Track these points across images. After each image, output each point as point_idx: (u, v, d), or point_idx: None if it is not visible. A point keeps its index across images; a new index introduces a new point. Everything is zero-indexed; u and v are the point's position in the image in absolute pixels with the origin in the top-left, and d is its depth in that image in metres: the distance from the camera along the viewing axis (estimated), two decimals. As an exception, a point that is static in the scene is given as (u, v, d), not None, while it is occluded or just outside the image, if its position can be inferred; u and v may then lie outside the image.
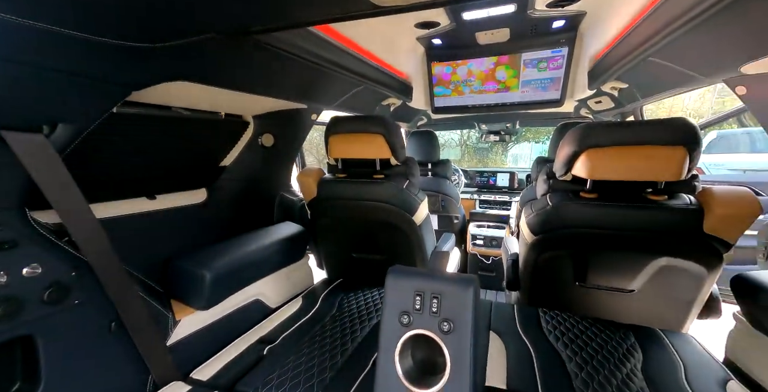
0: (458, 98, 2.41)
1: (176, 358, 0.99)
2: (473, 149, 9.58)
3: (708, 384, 0.93)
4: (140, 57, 0.71)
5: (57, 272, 0.76)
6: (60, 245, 0.79)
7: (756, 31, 0.77)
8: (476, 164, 9.13)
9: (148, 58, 0.73)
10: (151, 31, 0.67)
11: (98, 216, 0.83)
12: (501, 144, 6.46)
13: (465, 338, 0.63)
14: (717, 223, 0.99)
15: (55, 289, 0.74)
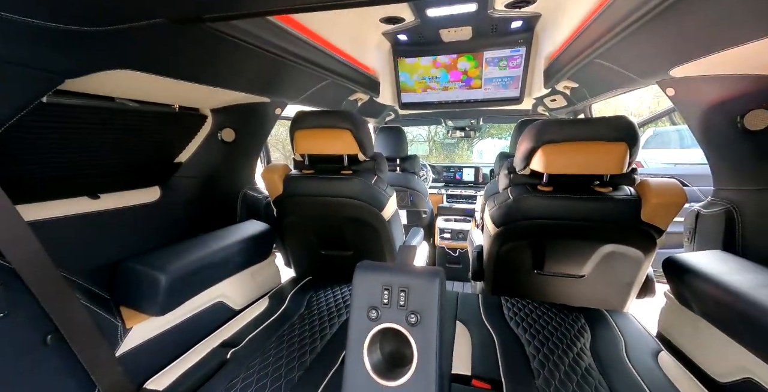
0: (424, 94, 2.45)
1: (128, 369, 0.92)
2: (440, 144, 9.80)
3: (643, 356, 1.04)
4: (75, 42, 0.64)
5: None
6: None
7: (682, 39, 0.85)
8: (443, 159, 9.33)
9: (85, 43, 0.66)
10: (88, 14, 0.60)
11: (29, 219, 0.74)
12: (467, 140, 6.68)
13: (431, 329, 0.65)
14: (652, 211, 1.10)
15: None
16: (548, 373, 0.98)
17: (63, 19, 0.58)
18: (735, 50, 0.77)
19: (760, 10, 0.63)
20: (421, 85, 2.38)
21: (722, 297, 0.85)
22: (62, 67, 0.67)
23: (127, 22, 0.65)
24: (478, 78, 2.30)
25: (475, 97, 2.42)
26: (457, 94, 2.43)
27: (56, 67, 0.66)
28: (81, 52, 0.67)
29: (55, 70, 0.67)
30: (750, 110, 0.91)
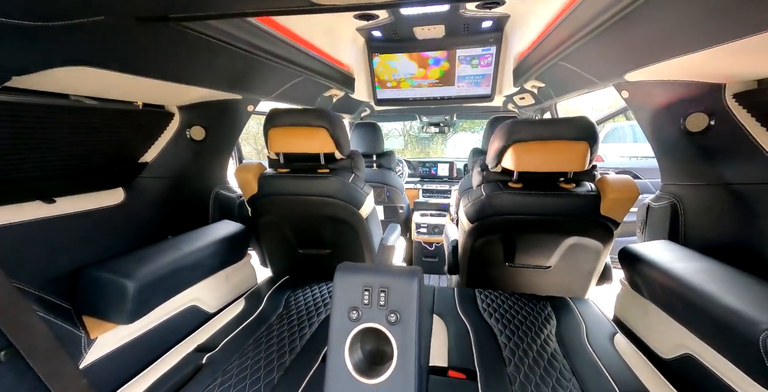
0: (399, 91, 2.47)
1: (93, 381, 0.88)
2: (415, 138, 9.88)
3: (601, 339, 1.14)
4: (24, 37, 0.59)
5: None
6: None
7: (635, 47, 0.92)
8: (418, 153, 9.43)
9: (35, 38, 0.61)
10: (38, 8, 0.56)
11: None
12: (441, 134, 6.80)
13: (411, 327, 0.68)
14: (610, 206, 1.19)
15: None
16: (518, 360, 1.05)
17: (8, 13, 0.53)
18: (680, 59, 0.84)
19: (700, 25, 0.70)
20: (396, 81, 2.39)
21: (666, 282, 0.94)
22: (8, 63, 0.62)
23: (81, 18, 0.61)
24: (452, 75, 2.34)
25: (448, 94, 2.47)
26: (431, 91, 2.46)
27: (4, 64, 0.61)
28: (29, 48, 0.62)
29: (2, 67, 0.61)
30: (691, 113, 1.00)
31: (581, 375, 0.98)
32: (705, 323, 0.81)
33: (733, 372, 0.76)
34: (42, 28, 0.59)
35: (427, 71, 2.32)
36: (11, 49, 0.60)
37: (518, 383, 0.95)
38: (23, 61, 0.64)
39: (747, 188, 0.93)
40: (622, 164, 3.81)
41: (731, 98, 0.90)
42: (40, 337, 0.74)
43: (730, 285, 0.81)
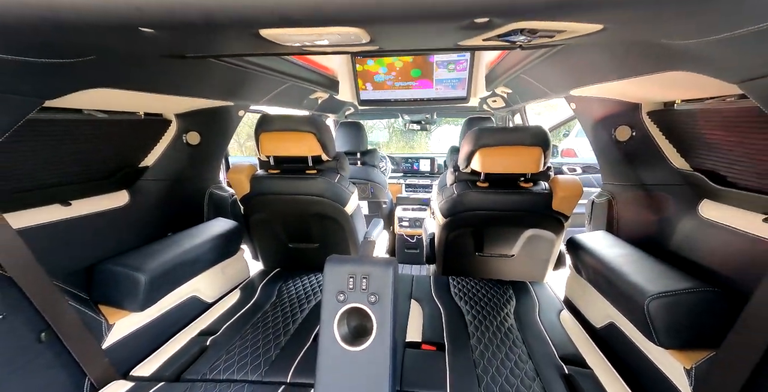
0: (382, 92, 2.60)
1: (114, 359, 1.02)
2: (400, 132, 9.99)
3: (550, 315, 1.36)
4: (54, 70, 0.71)
5: None
6: None
7: (575, 70, 1.10)
8: (403, 146, 9.56)
9: (63, 70, 0.72)
10: (64, 50, 0.67)
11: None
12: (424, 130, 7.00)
13: (387, 305, 0.84)
14: (560, 202, 1.39)
15: None
16: (480, 334, 1.25)
17: (48, 54, 0.65)
18: (608, 84, 1.03)
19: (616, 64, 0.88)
20: (378, 84, 2.53)
21: (597, 265, 1.16)
22: (43, 90, 0.74)
23: (98, 54, 0.73)
24: (430, 79, 2.49)
25: (427, 96, 2.62)
26: (411, 93, 2.61)
27: (38, 92, 0.72)
28: (59, 77, 0.74)
29: (37, 95, 0.73)
30: (619, 125, 1.20)
31: (530, 344, 1.18)
32: (619, 296, 1.03)
33: (636, 332, 0.98)
34: (69, 63, 0.70)
35: (407, 74, 2.47)
36: (46, 79, 0.72)
37: (478, 351, 1.15)
38: (55, 88, 0.75)
39: (655, 189, 1.15)
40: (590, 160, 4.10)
41: (646, 115, 1.11)
42: (71, 322, 0.87)
43: (638, 266, 1.02)
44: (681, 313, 0.85)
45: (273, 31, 0.56)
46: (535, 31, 0.54)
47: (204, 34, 0.60)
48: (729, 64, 0.58)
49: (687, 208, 1.07)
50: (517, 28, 0.52)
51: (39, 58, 0.65)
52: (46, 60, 0.66)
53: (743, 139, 0.83)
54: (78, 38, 0.60)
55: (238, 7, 0.44)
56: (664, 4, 0.43)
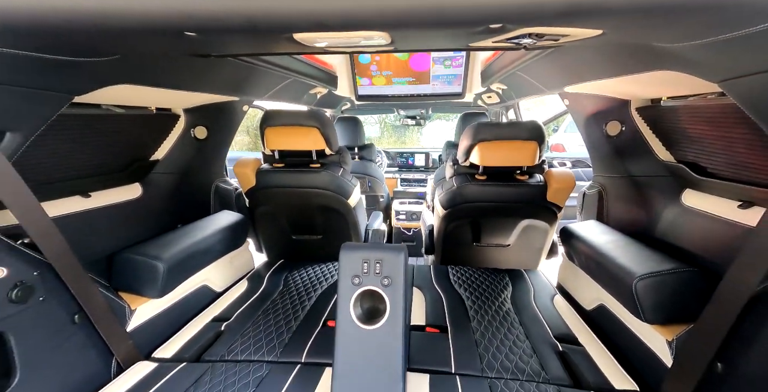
0: (379, 88, 2.64)
1: (137, 342, 1.07)
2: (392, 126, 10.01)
3: (544, 299, 1.45)
4: (82, 67, 0.74)
5: (20, 272, 0.80)
6: (17, 247, 0.81)
7: (569, 68, 1.17)
8: (395, 141, 9.59)
9: (90, 68, 0.76)
10: (92, 50, 0.71)
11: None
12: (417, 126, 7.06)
13: (399, 288, 0.91)
14: (554, 193, 1.48)
15: (20, 288, 0.78)
16: (480, 317, 1.33)
17: (73, 54, 0.68)
18: (600, 81, 1.11)
19: (606, 63, 0.96)
20: (376, 79, 2.57)
21: (588, 251, 1.25)
22: (73, 87, 0.77)
23: (122, 54, 0.76)
24: (427, 75, 2.54)
25: (424, 91, 2.68)
26: (408, 89, 2.66)
27: (68, 89, 0.76)
28: (87, 74, 0.77)
29: (67, 91, 0.76)
30: (610, 121, 1.29)
31: (526, 326, 1.27)
32: (609, 278, 1.12)
33: (623, 312, 1.07)
34: (96, 62, 0.74)
35: (405, 71, 2.51)
36: (75, 77, 0.75)
37: (479, 333, 1.23)
38: (85, 84, 0.78)
39: (642, 180, 1.24)
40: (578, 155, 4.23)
41: (635, 111, 1.19)
42: (100, 306, 0.92)
43: (627, 251, 1.11)
44: (665, 292, 0.94)
45: (306, 35, 0.60)
46: (542, 35, 0.60)
47: (240, 37, 0.64)
48: (711, 66, 0.66)
49: (671, 197, 1.16)
50: (526, 32, 0.58)
51: (69, 56, 0.68)
52: (75, 59, 0.69)
53: (722, 133, 0.91)
54: (111, 40, 0.63)
55: (279, 14, 0.49)
56: (657, 13, 0.49)
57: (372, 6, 0.47)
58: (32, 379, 0.82)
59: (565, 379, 0.99)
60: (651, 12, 0.49)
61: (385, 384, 0.84)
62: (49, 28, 0.53)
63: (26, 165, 0.83)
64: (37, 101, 0.71)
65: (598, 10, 0.48)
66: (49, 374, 0.85)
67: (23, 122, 0.71)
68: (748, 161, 0.87)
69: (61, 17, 0.49)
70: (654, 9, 0.48)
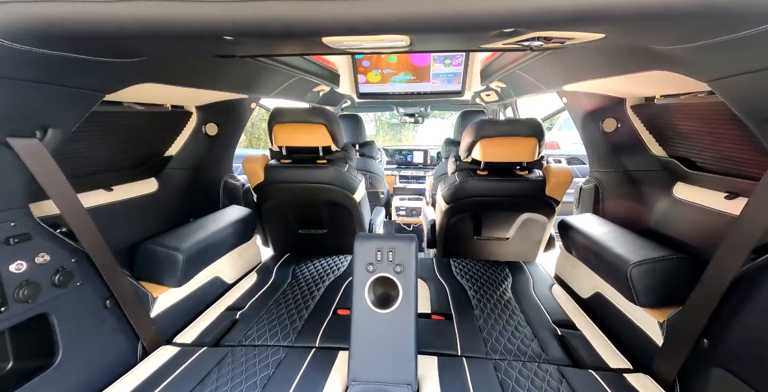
0: (380, 86, 2.69)
1: (159, 328, 1.11)
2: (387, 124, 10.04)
3: (543, 289, 1.52)
4: (113, 67, 0.78)
5: (61, 259, 0.85)
6: (58, 236, 0.86)
7: (569, 68, 1.23)
8: (390, 139, 9.63)
9: (120, 68, 0.80)
10: (122, 51, 0.75)
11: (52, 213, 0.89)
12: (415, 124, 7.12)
13: (411, 274, 0.96)
14: (552, 188, 1.54)
15: (61, 274, 0.84)
16: (482, 306, 1.39)
17: (107, 54, 0.73)
18: (597, 80, 1.17)
19: (604, 63, 1.02)
20: (377, 77, 2.61)
21: (585, 243, 1.31)
22: (104, 85, 0.81)
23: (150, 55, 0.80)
24: (427, 73, 2.60)
25: (424, 89, 2.73)
26: (409, 87, 2.71)
27: (101, 87, 0.80)
28: (118, 74, 0.82)
29: (99, 89, 0.80)
30: (606, 118, 1.35)
31: (527, 313, 1.34)
32: (605, 267, 1.19)
33: (618, 298, 1.15)
34: (126, 62, 0.78)
35: (406, 69, 2.56)
36: (106, 76, 0.79)
37: (482, 319, 1.29)
38: (113, 84, 0.83)
39: (636, 174, 1.31)
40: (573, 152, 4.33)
41: (630, 109, 1.26)
42: (128, 292, 0.97)
43: (622, 241, 1.18)
44: (657, 277, 1.01)
45: (334, 38, 0.65)
46: (549, 38, 0.66)
47: (271, 40, 0.69)
48: (701, 66, 0.72)
49: (663, 190, 1.23)
50: (535, 36, 0.63)
51: (102, 57, 0.72)
52: (107, 59, 0.74)
53: (710, 129, 0.98)
54: (146, 43, 0.68)
55: (314, 20, 0.54)
56: (655, 19, 0.55)
57: (398, 12, 0.52)
58: (71, 359, 0.87)
59: (564, 359, 1.06)
60: (649, 18, 0.55)
61: (398, 363, 0.90)
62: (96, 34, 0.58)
63: (59, 160, 0.87)
64: (74, 98, 0.75)
65: (603, 17, 0.53)
66: (84, 355, 0.90)
67: (63, 118, 0.76)
68: (734, 155, 0.95)
69: (116, 23, 0.53)
70: (652, 16, 0.53)
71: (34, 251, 0.79)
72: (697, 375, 0.84)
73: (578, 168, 3.04)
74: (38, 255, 0.79)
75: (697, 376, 0.84)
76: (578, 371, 0.98)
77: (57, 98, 0.72)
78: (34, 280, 0.78)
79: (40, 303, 0.80)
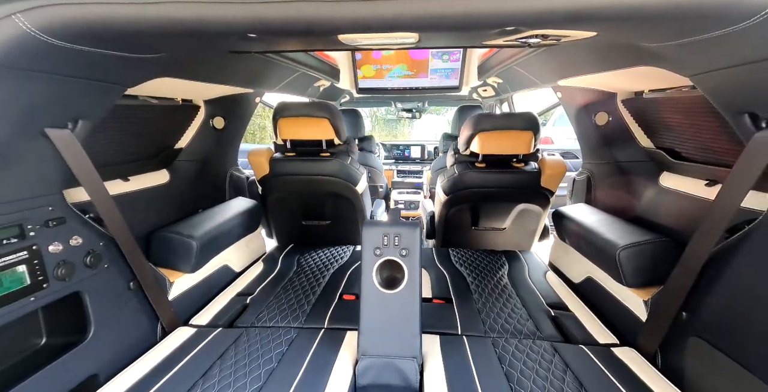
0: (379, 81, 2.73)
1: (176, 310, 1.18)
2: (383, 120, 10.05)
3: (538, 275, 1.60)
4: (135, 63, 0.83)
5: (91, 242, 0.92)
6: (88, 221, 0.92)
7: (564, 64, 1.30)
8: (386, 135, 9.65)
9: (143, 63, 0.85)
10: (147, 47, 0.80)
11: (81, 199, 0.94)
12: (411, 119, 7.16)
13: (415, 258, 1.03)
14: (547, 179, 1.62)
15: (92, 256, 0.90)
16: (480, 290, 1.47)
17: (130, 50, 0.77)
18: (590, 76, 1.24)
19: (596, 59, 1.08)
20: (376, 72, 2.66)
21: (578, 230, 1.39)
22: (126, 79, 0.86)
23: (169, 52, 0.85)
24: (425, 68, 2.65)
25: (422, 84, 2.78)
26: (407, 82, 2.76)
27: (125, 81, 0.85)
28: (140, 69, 0.86)
29: (122, 82, 0.85)
30: (598, 112, 1.42)
31: (522, 297, 1.42)
32: (596, 252, 1.26)
33: (608, 281, 1.23)
34: (149, 58, 0.82)
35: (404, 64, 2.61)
36: (127, 71, 0.84)
37: (481, 303, 1.37)
38: (136, 77, 0.87)
39: (626, 165, 1.38)
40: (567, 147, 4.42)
41: (620, 103, 1.33)
42: (149, 276, 1.02)
43: (612, 228, 1.26)
44: (643, 259, 1.09)
45: (349, 36, 0.70)
46: (546, 36, 0.72)
47: (292, 37, 0.74)
48: (684, 62, 0.79)
49: (650, 179, 1.31)
50: (534, 33, 0.69)
51: (127, 53, 0.77)
52: (130, 54, 0.78)
53: (693, 121, 1.06)
54: (169, 40, 0.72)
55: (335, 20, 0.59)
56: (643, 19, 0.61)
57: (411, 12, 0.58)
58: (101, 336, 0.93)
59: (557, 337, 1.14)
60: (635, 19, 0.61)
61: (404, 339, 0.97)
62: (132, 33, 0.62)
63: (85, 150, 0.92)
64: (101, 91, 0.80)
65: (596, 16, 0.60)
66: (112, 333, 0.96)
67: (91, 110, 0.81)
68: (713, 145, 1.02)
69: (151, 24, 0.58)
70: (637, 16, 0.60)
71: (69, 234, 0.85)
72: (676, 345, 0.92)
73: (571, 162, 3.13)
74: (72, 238, 0.85)
75: (676, 346, 0.92)
76: (570, 346, 1.06)
77: (86, 91, 0.77)
78: (69, 260, 0.84)
79: (75, 281, 0.86)
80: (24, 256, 0.76)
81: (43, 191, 0.81)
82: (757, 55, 0.62)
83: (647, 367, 0.95)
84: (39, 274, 0.78)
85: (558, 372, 0.94)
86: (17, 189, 0.76)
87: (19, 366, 0.81)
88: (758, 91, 0.67)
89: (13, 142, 0.69)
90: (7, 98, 0.64)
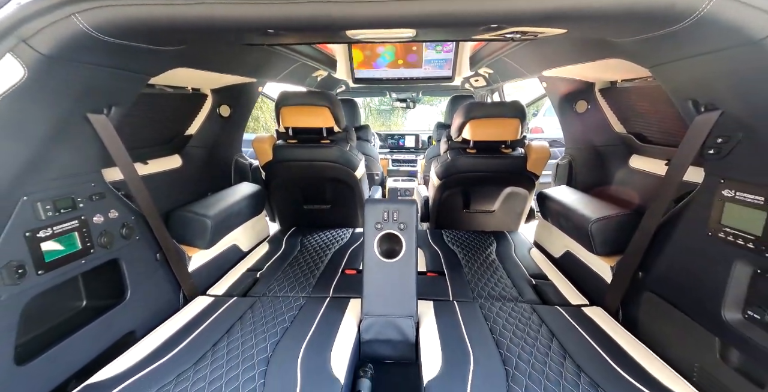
0: (375, 71, 2.82)
1: (195, 281, 1.30)
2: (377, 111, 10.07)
3: (522, 251, 1.75)
4: (158, 54, 0.92)
5: (125, 216, 1.03)
6: (122, 197, 1.03)
7: (546, 56, 1.41)
8: (380, 125, 9.69)
9: (166, 54, 0.94)
10: (173, 40, 0.89)
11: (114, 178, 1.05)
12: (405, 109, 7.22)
13: (412, 231, 1.16)
14: (533, 163, 1.75)
15: (126, 228, 1.02)
16: (471, 265, 1.61)
17: (154, 42, 0.86)
18: (570, 67, 1.36)
19: (573, 52, 1.20)
20: (371, 63, 2.73)
21: (558, 208, 1.54)
22: (148, 69, 0.96)
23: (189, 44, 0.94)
24: (419, 59, 2.73)
25: (416, 75, 2.87)
26: (402, 72, 2.84)
27: (145, 70, 0.95)
28: (163, 59, 0.96)
29: (145, 72, 0.95)
30: (579, 100, 1.55)
31: (508, 270, 1.57)
32: (573, 228, 1.41)
33: (583, 251, 1.38)
34: (172, 50, 0.92)
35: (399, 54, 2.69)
36: (150, 61, 0.93)
37: (470, 275, 1.51)
38: (159, 67, 0.97)
39: (602, 149, 1.52)
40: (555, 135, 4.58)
41: (598, 92, 1.46)
42: (172, 248, 1.14)
43: (587, 205, 1.40)
44: (611, 230, 1.24)
45: (356, 31, 0.81)
46: (525, 32, 0.83)
47: (306, 32, 0.84)
48: (644, 55, 0.91)
49: (622, 161, 1.46)
50: (513, 30, 0.81)
51: (153, 45, 0.86)
52: (155, 47, 0.88)
53: (655, 108, 1.19)
54: (194, 34, 0.82)
55: (348, 17, 0.70)
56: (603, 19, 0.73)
57: (412, 12, 0.69)
58: (135, 299, 1.05)
59: (536, 300, 1.29)
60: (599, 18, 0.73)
61: (402, 301, 1.11)
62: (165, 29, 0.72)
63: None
64: (131, 80, 0.90)
65: (563, 17, 0.71)
66: (143, 298, 1.08)
67: (123, 97, 0.91)
68: (671, 129, 1.16)
69: (188, 21, 0.68)
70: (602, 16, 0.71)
71: (108, 208, 0.96)
72: (634, 301, 1.08)
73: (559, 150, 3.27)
74: (110, 211, 0.96)
75: (634, 302, 1.08)
76: (546, 307, 1.21)
77: (120, 80, 0.86)
78: (109, 231, 0.95)
79: (114, 249, 0.97)
80: (76, 224, 0.87)
81: (87, 169, 0.92)
82: (696, 50, 0.74)
83: (611, 321, 1.11)
84: (87, 241, 0.89)
85: (535, 326, 1.09)
86: (69, 167, 0.87)
87: (65, 325, 0.92)
88: (699, 81, 0.80)
89: (66, 124, 0.79)
90: (62, 85, 0.74)
